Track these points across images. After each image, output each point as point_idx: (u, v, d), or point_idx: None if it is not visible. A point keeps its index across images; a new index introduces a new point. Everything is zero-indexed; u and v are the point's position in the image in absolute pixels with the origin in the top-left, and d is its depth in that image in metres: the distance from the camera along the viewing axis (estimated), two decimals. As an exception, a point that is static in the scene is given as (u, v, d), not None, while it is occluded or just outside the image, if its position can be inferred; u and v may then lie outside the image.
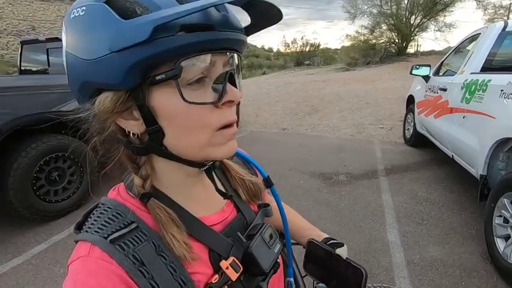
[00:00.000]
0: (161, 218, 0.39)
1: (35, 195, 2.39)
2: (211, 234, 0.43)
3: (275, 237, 0.47)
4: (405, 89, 5.46)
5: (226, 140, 0.40)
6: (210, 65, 0.37)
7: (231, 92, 0.38)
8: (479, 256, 1.94)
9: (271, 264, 0.44)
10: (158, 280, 0.36)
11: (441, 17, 13.31)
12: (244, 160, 0.58)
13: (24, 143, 2.37)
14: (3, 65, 14.60)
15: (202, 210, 0.45)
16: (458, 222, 2.34)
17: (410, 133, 4.22)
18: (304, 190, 3.02)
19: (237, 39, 0.38)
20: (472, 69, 2.61)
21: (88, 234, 0.37)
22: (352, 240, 2.15)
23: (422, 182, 3.07)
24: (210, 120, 0.38)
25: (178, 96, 0.35)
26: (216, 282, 0.39)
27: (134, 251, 0.36)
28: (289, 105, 7.35)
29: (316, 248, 0.62)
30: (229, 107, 0.39)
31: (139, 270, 0.35)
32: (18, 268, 1.99)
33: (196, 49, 0.34)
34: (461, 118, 2.48)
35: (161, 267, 0.37)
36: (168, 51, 0.33)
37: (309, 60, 15.83)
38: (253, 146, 4.66)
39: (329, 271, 0.60)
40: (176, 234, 0.38)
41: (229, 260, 0.41)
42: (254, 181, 0.52)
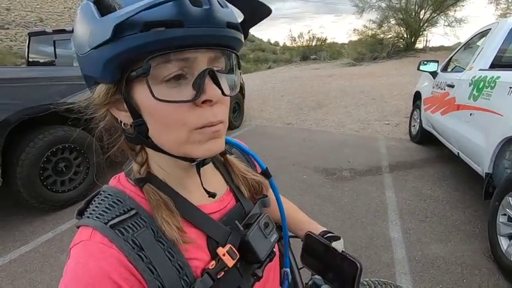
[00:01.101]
0: (154, 202, 0.40)
1: (43, 185, 2.44)
2: (210, 222, 0.44)
3: (272, 227, 0.49)
4: (412, 85, 5.40)
5: (206, 139, 0.38)
6: (186, 62, 0.35)
7: (210, 91, 0.36)
8: (482, 254, 1.93)
9: (267, 253, 0.46)
10: (156, 264, 0.37)
11: (452, 12, 13.01)
12: (243, 152, 0.59)
13: (31, 134, 2.40)
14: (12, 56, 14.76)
15: (200, 199, 0.46)
16: (461, 220, 2.33)
17: (416, 130, 4.18)
18: (308, 185, 3.02)
19: (216, 35, 0.35)
20: (480, 65, 2.56)
21: (89, 219, 0.39)
22: (354, 235, 2.16)
23: (426, 179, 3.05)
24: (187, 119, 0.36)
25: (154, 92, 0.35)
26: (213, 268, 0.41)
27: (133, 236, 0.37)
28: (294, 100, 7.32)
29: (314, 240, 0.63)
30: (210, 107, 0.37)
31: (137, 255, 0.37)
32: (26, 255, 2.05)
33: (162, 47, 0.33)
34: (468, 115, 2.44)
35: (159, 252, 0.38)
36: (133, 49, 0.33)
37: (315, 55, 15.67)
38: (257, 140, 4.66)
39: (325, 264, 0.61)
40: (167, 217, 0.39)
41: (226, 247, 0.42)
42: (257, 180, 0.53)
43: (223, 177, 0.52)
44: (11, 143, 2.29)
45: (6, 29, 17.94)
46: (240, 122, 5.58)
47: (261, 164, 0.58)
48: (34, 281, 1.81)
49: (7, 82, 2.29)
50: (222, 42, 0.37)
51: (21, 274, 1.87)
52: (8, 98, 2.25)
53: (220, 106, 0.39)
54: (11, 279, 1.83)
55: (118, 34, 0.32)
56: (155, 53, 0.33)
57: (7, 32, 17.91)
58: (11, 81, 2.32)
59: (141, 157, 0.43)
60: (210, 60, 0.37)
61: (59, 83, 2.54)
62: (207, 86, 0.36)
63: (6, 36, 17.83)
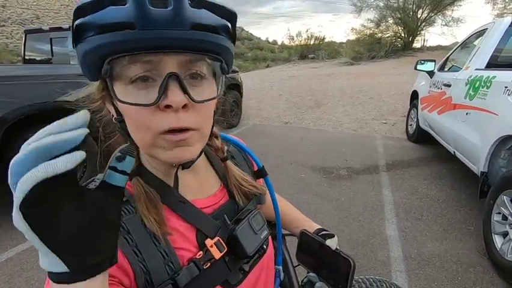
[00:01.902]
0: (136, 195, 0.41)
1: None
2: (200, 216, 0.45)
3: (263, 223, 0.49)
4: (409, 84, 5.41)
5: (171, 147, 0.37)
6: (151, 64, 0.35)
7: (172, 97, 0.34)
8: (477, 252, 1.95)
9: (255, 249, 0.47)
10: (141, 248, 0.38)
11: (449, 12, 13.06)
12: (241, 149, 0.59)
13: (28, 132, 2.39)
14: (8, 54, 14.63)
15: (193, 194, 0.47)
16: (457, 218, 2.35)
17: (413, 129, 4.20)
18: (305, 184, 3.04)
19: (177, 38, 0.33)
20: (477, 65, 2.58)
21: None
22: (351, 234, 2.17)
23: (423, 178, 3.08)
24: (150, 123, 0.36)
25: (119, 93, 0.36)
26: (200, 258, 0.42)
27: (122, 220, 0.39)
28: (292, 99, 7.32)
29: (308, 238, 0.64)
30: (174, 112, 0.35)
31: (124, 237, 0.38)
32: (22, 254, 2.04)
33: (118, 49, 0.33)
34: (464, 115, 2.46)
35: (146, 237, 0.39)
36: (91, 51, 0.33)
37: (313, 54, 15.67)
38: (255, 139, 4.66)
39: (320, 261, 0.62)
40: (146, 210, 0.40)
41: (214, 239, 0.44)
42: (253, 191, 0.53)
43: (217, 174, 0.53)
44: (7, 141, 2.28)
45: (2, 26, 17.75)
46: (238, 121, 5.58)
47: (257, 162, 0.59)
48: (31, 279, 1.81)
49: (3, 80, 2.27)
50: (189, 45, 0.35)
51: (17, 272, 1.86)
52: (5, 96, 2.24)
53: (191, 112, 0.37)
54: (7, 277, 1.82)
55: (79, 36, 0.33)
56: (114, 54, 0.33)
57: (3, 29, 17.74)
58: (7, 79, 2.30)
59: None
60: (180, 64, 0.36)
61: (56, 81, 2.53)
62: (170, 91, 0.35)
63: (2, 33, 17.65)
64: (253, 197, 0.54)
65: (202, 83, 0.38)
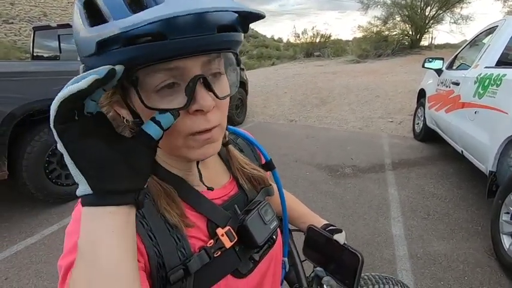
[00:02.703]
0: (155, 193, 0.42)
1: (48, 179, 2.47)
2: (211, 206, 0.46)
3: (272, 214, 0.50)
4: (416, 82, 5.36)
5: (200, 145, 0.39)
6: (177, 70, 0.35)
7: (201, 101, 0.35)
8: (484, 252, 1.93)
9: (265, 239, 0.47)
10: (156, 232, 0.39)
11: (458, 9, 12.83)
12: (249, 142, 0.60)
13: (37, 128, 2.42)
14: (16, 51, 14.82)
15: (204, 185, 0.47)
16: (464, 218, 2.33)
17: (420, 127, 4.16)
18: (310, 182, 3.03)
19: (204, 43, 0.34)
20: (486, 63, 2.54)
21: None
22: (356, 232, 2.17)
23: (429, 177, 3.05)
24: (181, 127, 0.37)
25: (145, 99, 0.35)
26: (211, 246, 0.43)
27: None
28: (298, 97, 7.30)
29: (316, 233, 0.64)
30: (203, 115, 0.37)
31: (139, 221, 0.38)
32: (31, 247, 2.08)
33: (147, 60, 0.33)
34: (473, 113, 2.43)
35: (160, 222, 0.40)
36: (117, 63, 0.32)
37: (319, 52, 15.57)
38: (260, 136, 4.64)
39: (327, 256, 0.62)
40: (167, 206, 0.41)
41: (225, 229, 0.44)
42: (256, 174, 0.54)
43: (226, 165, 0.53)
44: (16, 137, 2.32)
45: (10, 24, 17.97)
46: (243, 119, 5.58)
47: (265, 155, 0.59)
48: (40, 271, 1.84)
49: (12, 76, 2.30)
50: (213, 47, 0.35)
51: (27, 265, 1.90)
52: (14, 92, 2.27)
53: (215, 111, 0.38)
54: (17, 269, 1.86)
55: (101, 49, 0.32)
56: (141, 64, 0.33)
57: (11, 27, 17.95)
58: (16, 75, 2.34)
59: None
60: (203, 64, 0.36)
61: (63, 77, 2.55)
62: (198, 95, 0.35)
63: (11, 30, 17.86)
64: (261, 189, 0.55)
65: (221, 79, 0.39)
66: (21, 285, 1.74)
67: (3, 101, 2.18)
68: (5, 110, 2.16)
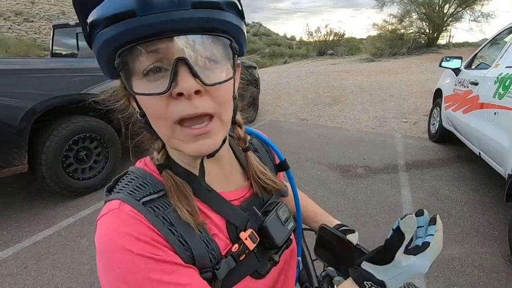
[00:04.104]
0: (168, 187, 0.42)
1: (65, 172, 2.54)
2: (230, 208, 0.46)
3: (289, 215, 0.50)
4: (432, 82, 5.23)
5: (190, 140, 0.37)
6: (159, 53, 0.33)
7: (182, 83, 0.34)
8: (501, 258, 1.88)
9: (284, 239, 0.47)
10: (187, 238, 0.39)
11: (479, 6, 12.40)
12: (264, 142, 0.60)
13: (55, 123, 2.50)
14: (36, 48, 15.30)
15: (221, 186, 0.47)
16: (480, 222, 2.26)
17: (435, 128, 4.06)
18: (321, 181, 3.01)
19: (178, 19, 0.32)
20: (508, 62, 2.45)
21: (120, 194, 0.40)
22: (367, 233, 2.14)
23: (444, 179, 2.97)
24: (166, 113, 0.35)
25: (135, 87, 0.36)
26: (236, 251, 0.43)
27: (164, 214, 0.40)
28: (310, 96, 7.24)
29: (328, 233, 0.64)
30: (188, 99, 0.35)
31: (168, 229, 0.39)
32: (49, 238, 2.16)
33: (122, 41, 0.32)
34: (492, 114, 2.35)
35: (189, 227, 0.40)
36: (102, 48, 0.33)
37: (332, 50, 15.39)
38: (271, 135, 4.57)
39: (339, 256, 0.62)
40: (177, 201, 0.40)
41: (248, 232, 0.44)
42: (270, 184, 0.51)
43: (241, 166, 0.53)
44: (36, 132, 2.40)
45: (30, 22, 18.55)
46: (254, 117, 5.59)
47: (279, 155, 0.59)
48: (57, 262, 1.91)
49: (33, 73, 2.38)
50: (192, 26, 0.33)
51: (45, 255, 1.97)
52: (35, 88, 2.35)
53: (206, 98, 0.36)
54: (35, 259, 1.93)
55: (91, 34, 0.33)
56: (121, 47, 0.33)
57: (31, 25, 18.52)
58: (36, 72, 2.41)
59: (157, 144, 0.44)
60: (188, 47, 0.34)
61: (81, 74, 2.63)
62: (180, 77, 0.34)
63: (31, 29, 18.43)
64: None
65: (214, 66, 0.37)
66: (39, 274, 1.80)
67: (24, 97, 2.26)
68: (25, 106, 2.24)
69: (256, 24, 32.92)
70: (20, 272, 1.82)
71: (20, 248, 2.05)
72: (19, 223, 2.34)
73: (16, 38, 15.90)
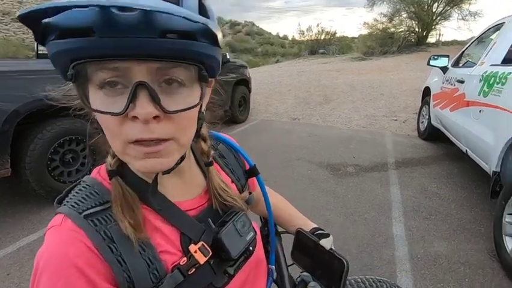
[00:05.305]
0: (113, 196, 0.40)
1: (50, 176, 2.49)
2: (185, 219, 0.44)
3: (248, 225, 0.48)
4: (422, 80, 5.28)
5: (141, 157, 0.35)
6: (118, 71, 0.32)
7: (139, 108, 0.32)
8: (486, 254, 1.90)
9: (240, 251, 0.45)
10: (126, 257, 0.38)
11: (466, 5, 12.60)
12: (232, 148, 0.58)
13: (40, 126, 2.45)
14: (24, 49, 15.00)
15: (178, 195, 0.45)
16: (467, 218, 2.29)
17: (424, 126, 4.10)
18: (312, 180, 3.01)
19: (141, 47, 0.30)
20: (492, 60, 2.48)
21: (64, 207, 0.40)
22: (356, 231, 2.15)
23: (433, 177, 3.01)
24: (120, 132, 0.34)
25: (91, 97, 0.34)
26: (184, 264, 0.41)
27: (106, 228, 0.38)
28: (301, 95, 7.26)
29: (304, 237, 0.63)
30: (144, 123, 0.33)
31: (108, 246, 0.37)
32: (33, 244, 2.11)
33: (78, 56, 0.31)
34: (478, 112, 2.38)
35: (131, 245, 0.38)
36: (54, 55, 0.32)
37: (323, 49, 15.46)
38: (263, 134, 4.66)
39: (314, 261, 0.61)
40: (120, 212, 0.38)
41: (198, 244, 0.42)
42: (231, 203, 0.49)
43: (204, 175, 0.51)
44: (19, 134, 2.34)
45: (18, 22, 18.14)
46: (246, 117, 5.57)
47: (249, 161, 0.58)
48: (41, 268, 1.87)
49: (17, 74, 2.33)
50: (159, 54, 0.31)
51: (28, 261, 1.92)
52: (18, 90, 2.29)
53: (164, 123, 0.34)
54: (18, 265, 1.89)
55: (44, 38, 0.31)
56: (76, 60, 0.31)
57: (19, 25, 18.15)
58: (20, 74, 2.36)
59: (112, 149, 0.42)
60: (151, 71, 0.33)
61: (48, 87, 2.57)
62: (138, 101, 0.32)
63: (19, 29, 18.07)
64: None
65: (180, 91, 0.35)
66: (22, 281, 1.76)
67: (7, 99, 2.20)
68: (9, 108, 2.18)
69: (249, 24, 32.86)
70: (2, 279, 1.78)
71: (2, 254, 2.00)
72: (2, 228, 2.29)
73: (4, 39, 15.57)
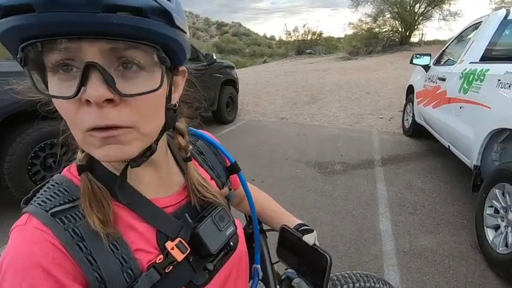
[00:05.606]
0: (83, 191, 0.38)
1: (31, 181, 2.41)
2: (160, 216, 0.43)
3: (228, 220, 0.47)
4: (406, 78, 5.40)
5: (98, 144, 0.33)
6: (69, 52, 0.30)
7: (90, 90, 0.30)
8: (469, 246, 1.96)
9: (220, 246, 0.45)
10: (97, 255, 0.36)
11: (447, 5, 13.01)
12: (211, 145, 0.57)
13: (18, 129, 2.36)
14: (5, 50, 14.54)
15: (155, 192, 0.44)
16: (450, 212, 2.35)
17: (409, 123, 4.20)
18: (300, 179, 3.03)
19: (85, 22, 0.28)
20: (471, 58, 2.57)
21: (31, 206, 0.38)
22: (344, 228, 2.17)
23: (417, 173, 3.08)
24: (76, 118, 0.32)
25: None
26: (161, 262, 0.39)
27: (74, 226, 0.36)
28: (289, 95, 7.30)
29: (288, 234, 0.63)
30: (99, 108, 0.31)
31: (76, 245, 0.35)
32: (14, 252, 2.03)
33: (23, 36, 0.29)
34: (458, 108, 2.45)
35: (102, 243, 0.37)
36: (2, 37, 0.30)
37: (310, 49, 15.61)
38: (251, 134, 4.65)
39: (300, 257, 0.61)
40: (88, 208, 0.37)
41: (175, 241, 0.41)
42: (210, 199, 0.48)
43: (182, 171, 0.50)
44: None
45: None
46: (234, 117, 5.56)
47: (229, 158, 0.57)
48: (22, 277, 1.80)
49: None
50: (104, 31, 0.29)
51: (9, 270, 1.85)
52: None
53: (121, 108, 0.32)
54: None
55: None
56: (23, 41, 0.30)
57: None
58: None
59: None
60: (104, 52, 0.31)
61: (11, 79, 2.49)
62: (89, 83, 0.30)
63: None
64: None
65: (139, 74, 0.33)
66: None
67: (-18, 102, 2.12)
68: (-16, 111, 2.10)
69: (236, 24, 32.83)
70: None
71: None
72: (-19, 237, 2.19)
73: (-20, 40, 15.06)
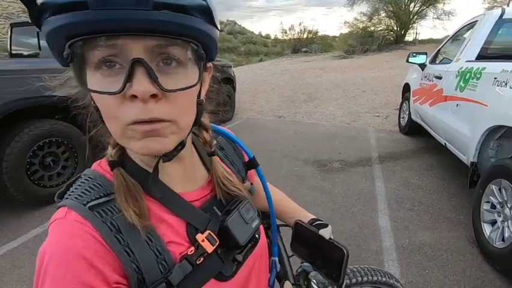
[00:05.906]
0: (116, 186, 0.39)
1: (30, 180, 2.39)
2: (189, 209, 0.44)
3: (253, 213, 0.49)
4: (402, 77, 5.45)
5: (139, 137, 0.34)
6: (115, 48, 0.31)
7: (137, 86, 0.31)
8: (466, 240, 2.00)
9: (247, 238, 0.46)
10: (134, 247, 0.37)
11: (441, 5, 13.15)
12: (230, 140, 0.59)
13: (17, 128, 2.34)
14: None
15: (181, 186, 0.45)
16: (447, 208, 2.39)
17: (405, 121, 4.24)
18: (299, 177, 3.05)
19: (135, 19, 0.30)
20: (467, 57, 2.61)
21: (67, 200, 0.39)
22: (344, 225, 2.20)
23: (414, 170, 3.12)
24: (118, 113, 0.33)
25: (88, 79, 0.34)
26: (192, 254, 0.41)
27: (112, 219, 0.37)
28: (286, 93, 7.32)
29: (303, 228, 0.64)
30: (142, 102, 0.32)
31: (115, 237, 0.37)
32: (14, 251, 2.02)
33: (73, 33, 0.30)
34: (455, 106, 2.49)
35: (138, 235, 0.38)
36: (50, 34, 0.31)
37: (306, 48, 15.64)
38: (248, 133, 4.66)
39: (314, 251, 0.62)
40: (124, 202, 0.38)
41: (205, 234, 0.43)
42: (233, 190, 0.50)
43: (205, 167, 0.51)
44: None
45: (-12, 21, 17.21)
46: (231, 115, 5.56)
47: (248, 153, 0.58)
48: (23, 276, 1.79)
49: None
50: (153, 28, 0.31)
51: (9, 270, 1.84)
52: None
53: (163, 103, 0.34)
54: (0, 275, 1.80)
55: (40, 17, 0.31)
56: (72, 38, 0.31)
57: (-11, 24, 17.20)
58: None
59: (113, 139, 0.41)
60: (148, 48, 0.32)
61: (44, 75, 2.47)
62: (135, 79, 0.31)
63: (-11, 28, 17.10)
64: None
65: (178, 70, 0.35)
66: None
67: (-21, 101, 2.09)
68: (-18, 110, 2.07)
69: (231, 23, 32.64)
70: (-19, 289, 1.69)
71: (-20, 263, 1.90)
72: (-21, 237, 2.17)
73: (-28, 39, 14.75)
